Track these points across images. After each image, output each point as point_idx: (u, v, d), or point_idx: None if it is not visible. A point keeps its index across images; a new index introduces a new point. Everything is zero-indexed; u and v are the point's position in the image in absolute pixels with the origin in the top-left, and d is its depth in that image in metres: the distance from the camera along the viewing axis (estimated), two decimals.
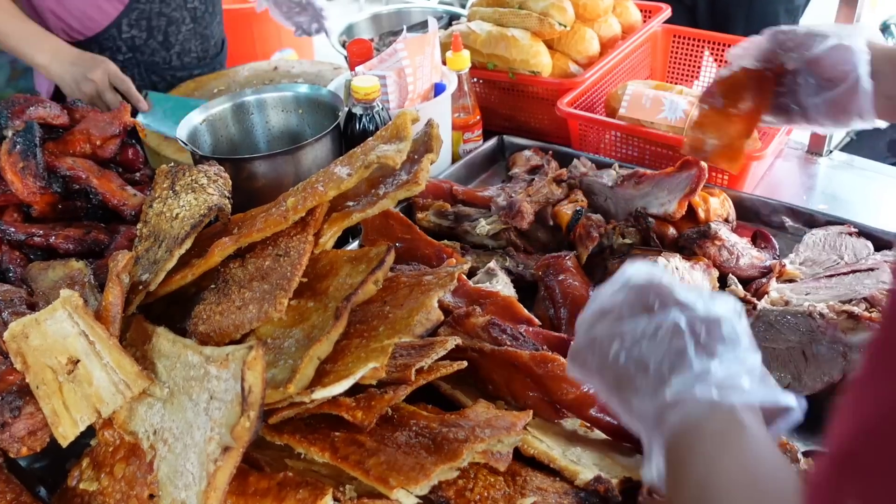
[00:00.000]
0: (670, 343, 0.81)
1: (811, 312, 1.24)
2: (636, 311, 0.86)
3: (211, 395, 0.95)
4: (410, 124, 1.11)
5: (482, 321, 1.24)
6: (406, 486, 0.90)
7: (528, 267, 1.51)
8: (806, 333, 1.24)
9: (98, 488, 1.11)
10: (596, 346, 0.89)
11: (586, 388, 1.13)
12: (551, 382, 1.15)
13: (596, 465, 1.09)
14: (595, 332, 0.90)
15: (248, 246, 1.18)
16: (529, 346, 1.22)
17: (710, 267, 1.39)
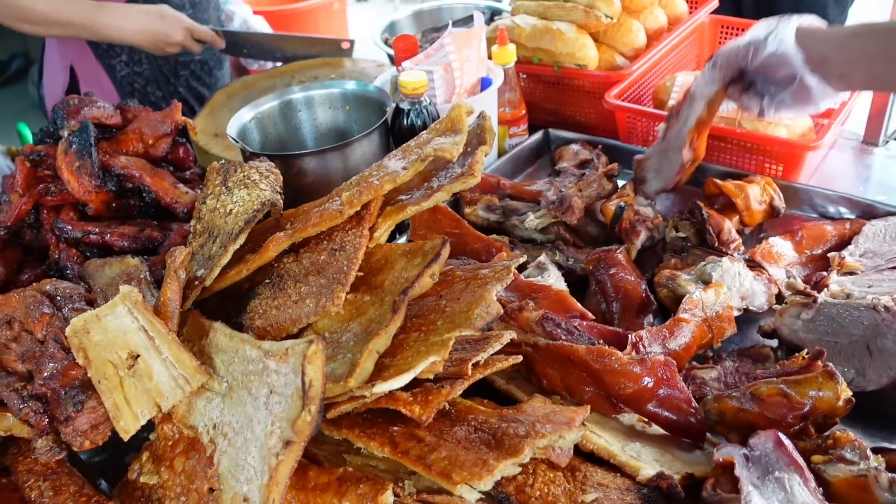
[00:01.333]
0: None
1: (875, 305, 1.21)
2: None
3: (270, 390, 0.96)
4: (465, 116, 1.10)
5: (536, 315, 1.23)
6: (469, 481, 0.90)
7: (578, 261, 1.50)
8: (870, 327, 1.21)
9: (158, 482, 1.12)
10: None
11: (644, 383, 1.11)
12: (609, 377, 1.13)
13: (657, 461, 1.08)
14: None
15: (302, 241, 1.18)
16: (585, 341, 1.20)
17: (772, 282, 1.36)
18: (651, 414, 1.15)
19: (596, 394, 1.17)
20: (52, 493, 1.11)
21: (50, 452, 1.09)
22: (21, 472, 1.15)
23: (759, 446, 1.02)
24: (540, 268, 1.40)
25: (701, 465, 1.09)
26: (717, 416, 1.12)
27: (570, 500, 0.99)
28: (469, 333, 0.98)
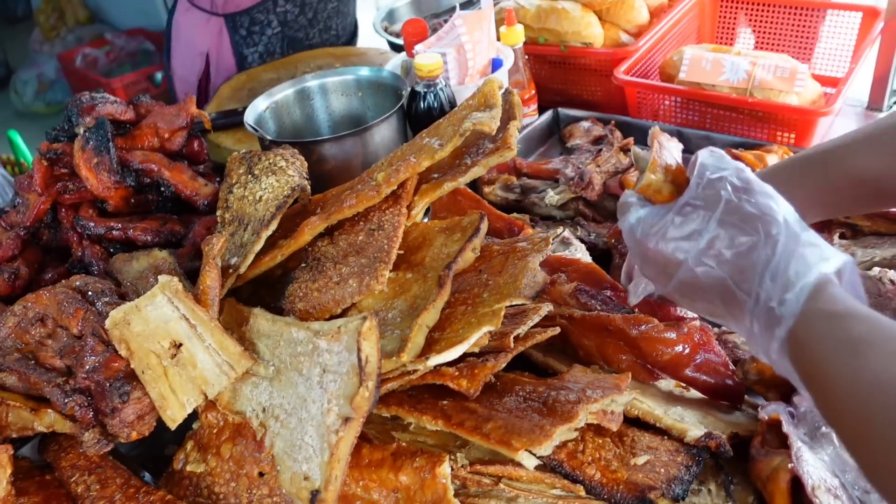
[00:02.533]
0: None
1: (881, 278, 1.23)
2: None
3: (323, 369, 0.96)
4: (498, 91, 1.11)
5: (569, 288, 1.24)
6: (529, 447, 0.91)
7: (599, 235, 1.51)
8: (874, 296, 1.23)
9: (206, 469, 1.12)
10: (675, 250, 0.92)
11: (681, 349, 1.12)
12: (646, 344, 1.14)
13: (701, 423, 1.09)
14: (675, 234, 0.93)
15: (336, 224, 1.18)
16: (620, 310, 1.21)
17: None
18: (689, 379, 1.16)
19: (633, 362, 1.18)
20: (99, 486, 1.11)
21: (97, 445, 1.09)
22: (65, 468, 1.15)
23: (803, 403, 1.04)
24: (565, 243, 1.41)
25: (744, 424, 1.10)
26: (756, 375, 1.13)
27: (623, 464, 1.00)
28: (520, 303, 0.99)
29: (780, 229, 0.84)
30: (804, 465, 0.93)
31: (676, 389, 1.20)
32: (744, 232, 0.86)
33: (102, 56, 5.27)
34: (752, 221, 0.86)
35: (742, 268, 0.86)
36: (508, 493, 1.05)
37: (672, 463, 1.00)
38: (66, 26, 5.66)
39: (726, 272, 0.87)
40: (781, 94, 1.62)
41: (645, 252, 0.97)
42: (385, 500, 0.99)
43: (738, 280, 0.86)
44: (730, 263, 0.87)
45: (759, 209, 0.87)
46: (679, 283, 0.92)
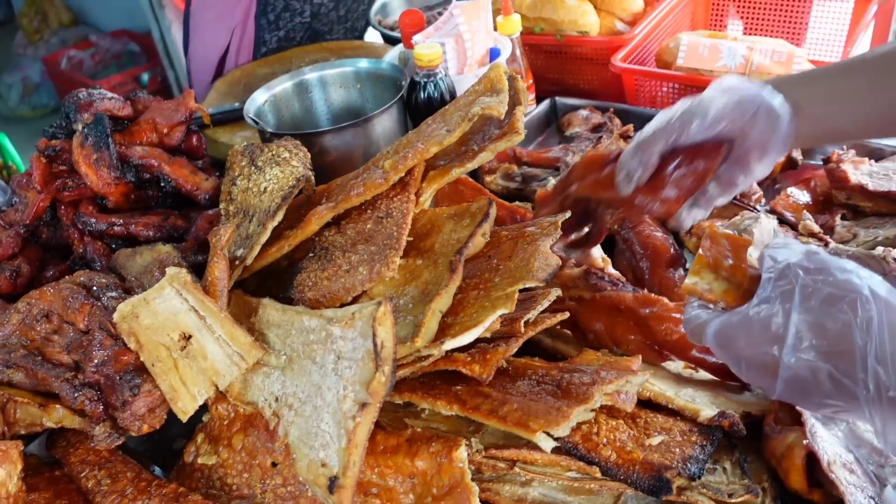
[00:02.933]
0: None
1: (885, 257, 1.24)
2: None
3: (338, 356, 0.96)
4: (504, 76, 1.11)
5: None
6: (547, 428, 0.91)
7: None
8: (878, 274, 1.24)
9: (217, 461, 1.12)
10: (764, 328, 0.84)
11: None
12: (655, 323, 1.15)
13: (713, 403, 1.09)
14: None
15: (342, 213, 1.18)
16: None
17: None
18: (697, 359, 1.17)
19: (641, 342, 1.18)
20: (110, 480, 1.10)
21: (109, 439, 1.08)
22: (74, 464, 1.14)
23: None
24: None
25: (754, 404, 1.10)
26: None
27: (638, 444, 1.00)
28: (533, 286, 0.99)
29: (871, 304, 0.77)
30: (819, 442, 0.94)
31: (685, 371, 1.21)
32: (831, 317, 0.79)
33: (87, 58, 5.23)
34: (837, 303, 0.79)
35: (841, 353, 0.78)
36: (523, 477, 1.06)
37: (686, 443, 1.01)
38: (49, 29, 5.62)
39: (827, 362, 0.79)
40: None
41: (739, 361, 0.88)
42: (401, 487, 0.99)
43: (842, 369, 0.78)
44: (826, 353, 0.79)
45: (841, 288, 0.80)
46: (784, 384, 0.83)
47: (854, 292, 0.78)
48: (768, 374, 0.84)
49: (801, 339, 0.80)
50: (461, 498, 0.94)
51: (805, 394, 0.82)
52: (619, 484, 0.99)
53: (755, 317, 0.84)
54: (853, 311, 0.77)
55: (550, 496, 1.05)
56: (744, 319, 0.86)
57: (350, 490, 0.89)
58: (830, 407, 0.81)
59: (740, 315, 0.86)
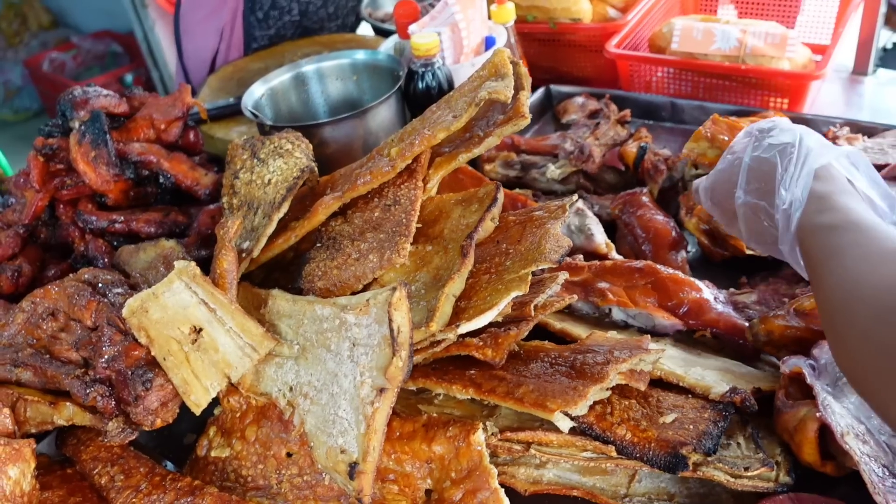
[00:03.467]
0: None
1: None
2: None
3: (353, 343, 0.96)
4: (508, 61, 1.11)
5: None
6: (565, 407, 0.91)
7: (603, 207, 1.52)
8: None
9: (231, 454, 1.12)
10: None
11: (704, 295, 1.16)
12: (673, 285, 1.17)
13: (722, 381, 1.10)
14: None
15: (348, 203, 1.18)
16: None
17: None
18: (711, 321, 1.18)
19: (657, 306, 1.19)
20: (124, 476, 1.10)
21: (122, 434, 1.08)
22: (86, 461, 1.14)
23: (823, 356, 1.05)
24: (580, 214, 1.41)
25: (763, 380, 1.11)
26: (766, 336, 1.14)
27: (652, 423, 1.01)
28: (545, 267, 0.99)
29: (795, 148, 0.95)
30: (831, 414, 0.95)
31: (693, 352, 1.22)
32: (766, 162, 0.97)
33: (70, 60, 5.18)
34: (772, 151, 0.97)
35: (770, 191, 0.96)
36: (538, 459, 1.06)
37: (700, 419, 1.01)
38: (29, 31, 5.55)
39: (762, 199, 0.98)
40: (773, 59, 1.64)
41: (720, 212, 1.10)
42: (419, 472, 1.00)
43: (771, 204, 0.96)
44: (761, 191, 0.98)
45: (778, 139, 0.98)
46: (745, 227, 1.02)
47: (786, 143, 0.96)
48: (735, 220, 1.04)
49: (744, 183, 1.01)
50: (480, 480, 0.94)
51: (760, 235, 1.02)
52: (634, 462, 1.00)
53: (723, 169, 1.06)
54: (781, 156, 0.96)
55: (565, 477, 1.06)
56: (717, 173, 1.08)
57: (370, 475, 0.89)
58: (772, 240, 0.99)
59: (715, 169, 1.09)
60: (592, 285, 1.18)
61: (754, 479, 0.97)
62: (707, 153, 1.13)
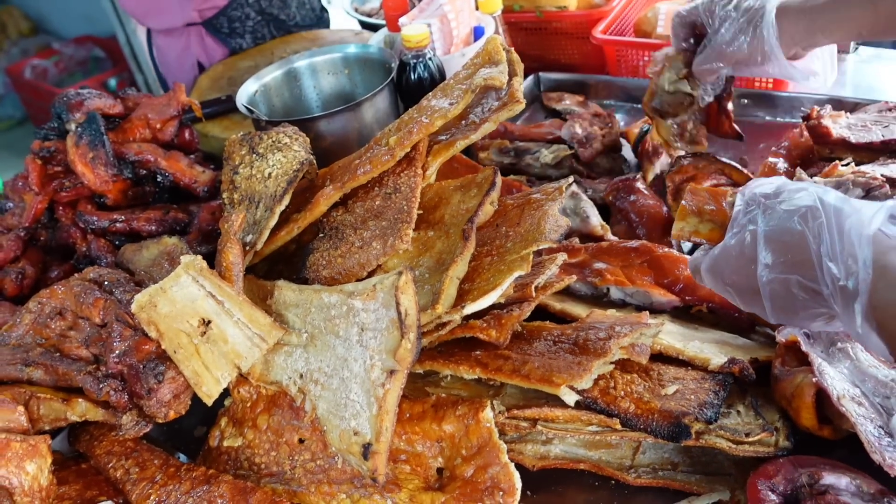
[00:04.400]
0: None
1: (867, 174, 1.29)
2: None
3: (361, 328, 0.98)
4: (502, 48, 1.13)
5: None
6: (571, 382, 0.94)
7: (596, 191, 1.54)
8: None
9: (243, 443, 1.14)
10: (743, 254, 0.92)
11: None
12: (668, 262, 1.20)
13: (720, 353, 1.14)
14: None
15: (349, 193, 1.20)
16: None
17: None
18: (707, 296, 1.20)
19: (654, 283, 1.22)
20: (139, 469, 1.12)
21: (137, 427, 1.10)
22: (100, 456, 1.15)
23: None
24: (574, 197, 1.43)
25: (759, 350, 1.15)
26: None
27: (654, 395, 1.04)
28: (546, 246, 1.02)
29: (820, 212, 0.84)
30: (827, 378, 0.98)
31: (690, 327, 1.25)
32: (788, 232, 0.86)
33: (52, 66, 5.15)
34: (792, 217, 0.86)
35: (803, 262, 0.84)
36: (544, 436, 1.09)
37: (700, 389, 1.04)
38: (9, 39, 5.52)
39: (793, 273, 0.85)
40: None
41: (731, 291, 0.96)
42: (430, 451, 1.02)
43: (807, 276, 0.84)
44: (791, 264, 0.85)
45: (794, 204, 0.87)
46: (770, 303, 0.89)
47: (805, 206, 0.85)
48: (756, 297, 0.91)
49: (768, 257, 0.87)
50: (490, 456, 0.97)
51: (791, 310, 0.88)
52: (638, 434, 1.03)
53: (732, 245, 0.92)
54: (805, 222, 0.84)
55: (572, 452, 1.09)
56: (724, 250, 0.94)
57: (384, 455, 0.92)
58: (818, 317, 0.87)
59: (721, 247, 0.94)
60: (590, 266, 1.21)
61: (755, 444, 1.00)
62: (699, 229, 1.03)
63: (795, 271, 0.85)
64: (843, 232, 0.82)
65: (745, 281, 0.91)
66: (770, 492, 0.92)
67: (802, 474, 0.93)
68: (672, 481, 1.03)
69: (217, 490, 1.05)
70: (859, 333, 0.82)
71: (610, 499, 1.04)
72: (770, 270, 0.87)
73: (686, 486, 1.02)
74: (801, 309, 0.88)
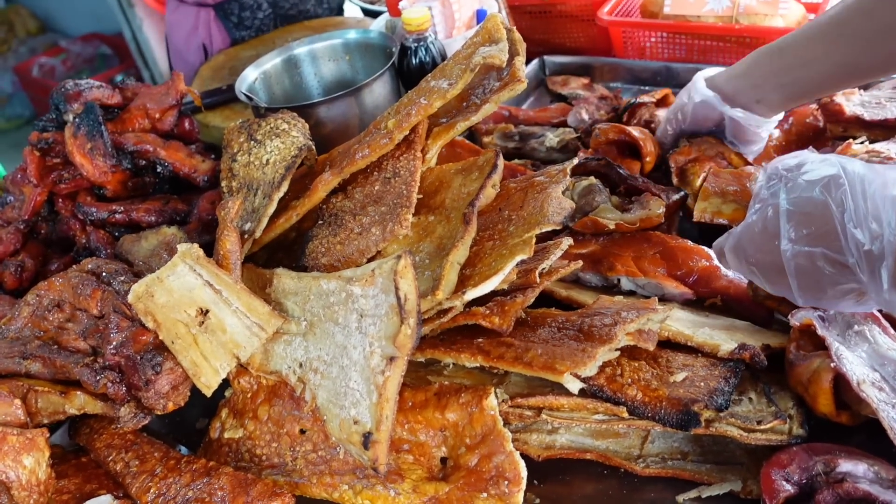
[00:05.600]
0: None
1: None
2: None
3: (360, 314, 0.96)
4: (502, 25, 1.10)
5: None
6: (574, 369, 0.91)
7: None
8: None
9: (244, 434, 1.12)
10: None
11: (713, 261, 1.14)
12: (682, 254, 1.16)
13: (731, 339, 1.10)
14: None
15: (348, 179, 1.17)
16: None
17: None
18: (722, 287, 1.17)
19: (666, 275, 1.18)
20: (139, 462, 1.10)
21: (135, 419, 1.08)
22: (100, 449, 1.14)
23: None
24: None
25: (772, 337, 1.11)
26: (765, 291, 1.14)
27: (662, 382, 1.01)
28: (549, 229, 0.99)
29: (843, 179, 0.81)
30: (846, 363, 0.94)
31: (701, 315, 1.21)
32: (811, 203, 0.83)
33: (59, 64, 5.16)
34: (815, 188, 0.83)
35: (828, 233, 0.82)
36: (549, 425, 1.06)
37: (710, 376, 1.01)
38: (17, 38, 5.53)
39: (818, 246, 0.83)
40: (767, 17, 1.63)
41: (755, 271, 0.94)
42: (433, 441, 1.00)
43: (833, 247, 0.82)
44: (815, 236, 0.83)
45: (816, 174, 0.84)
46: (797, 282, 0.87)
47: (827, 175, 0.82)
48: (782, 276, 0.88)
49: (791, 230, 0.85)
50: (495, 444, 0.94)
51: (818, 287, 0.85)
52: (646, 422, 1.00)
53: (754, 220, 0.90)
54: (828, 191, 0.81)
55: (578, 441, 1.06)
56: (746, 227, 0.91)
57: (385, 444, 0.89)
58: (848, 294, 0.84)
59: (743, 224, 0.92)
60: (600, 256, 1.18)
61: (767, 432, 0.97)
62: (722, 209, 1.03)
63: (820, 243, 0.82)
64: (867, 196, 0.79)
65: (770, 258, 0.89)
66: (784, 481, 0.89)
67: (818, 462, 0.90)
68: (682, 471, 1.00)
69: (217, 482, 1.03)
70: (886, 300, 0.79)
71: (618, 488, 1.01)
72: (794, 244, 0.85)
73: (696, 475, 0.99)
74: (828, 285, 0.84)
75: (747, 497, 0.96)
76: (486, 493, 0.94)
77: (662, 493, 0.99)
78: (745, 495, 0.96)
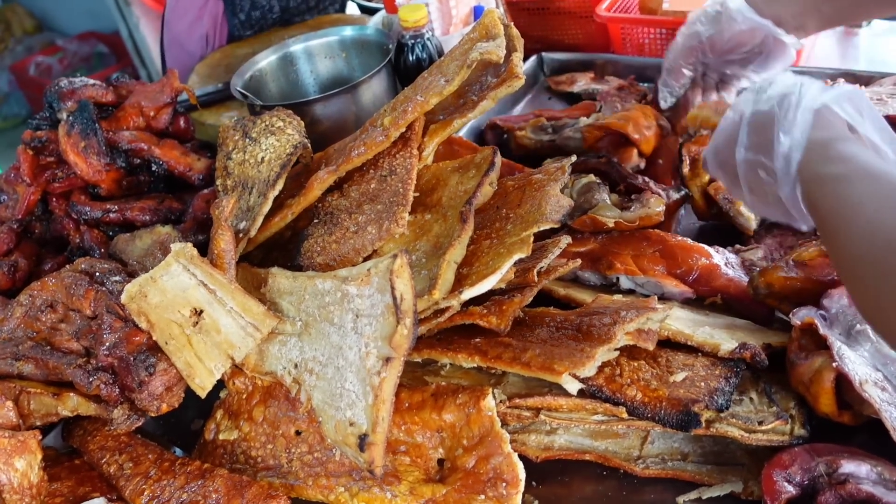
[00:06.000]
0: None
1: None
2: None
3: (356, 314, 0.94)
4: (499, 21, 1.09)
5: None
6: (573, 369, 0.90)
7: None
8: None
9: (239, 436, 1.11)
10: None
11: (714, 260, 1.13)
12: (682, 252, 1.15)
13: (731, 338, 1.09)
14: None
15: (345, 177, 1.16)
16: None
17: None
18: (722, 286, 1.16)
19: (666, 273, 1.17)
20: (133, 464, 1.09)
21: (128, 421, 1.07)
22: (93, 451, 1.13)
23: (833, 305, 1.04)
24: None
25: (773, 336, 1.10)
26: (766, 288, 1.12)
27: (662, 382, 0.99)
28: (547, 227, 0.97)
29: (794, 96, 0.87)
30: (848, 363, 0.93)
31: (701, 313, 1.20)
32: (764, 115, 0.90)
33: (56, 63, 5.14)
34: (770, 102, 0.90)
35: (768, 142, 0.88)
36: (548, 426, 1.05)
37: (710, 376, 1.00)
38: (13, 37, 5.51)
39: (759, 154, 0.90)
40: None
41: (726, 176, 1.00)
42: (430, 442, 0.98)
43: (769, 155, 0.89)
44: (758, 145, 0.90)
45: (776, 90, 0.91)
46: (748, 189, 0.95)
47: (787, 92, 0.89)
48: (738, 180, 0.96)
49: (745, 138, 0.93)
50: (492, 446, 0.93)
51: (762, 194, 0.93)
52: (646, 423, 0.99)
53: (725, 127, 0.98)
54: (780, 105, 0.88)
55: (577, 442, 1.05)
56: (719, 132, 1.00)
57: (381, 446, 0.88)
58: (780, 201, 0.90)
59: (717, 130, 1.01)
60: (599, 255, 1.17)
61: (769, 432, 0.96)
62: (711, 118, 1.11)
63: (762, 151, 0.90)
64: (799, 108, 0.86)
65: (731, 164, 0.96)
66: (786, 482, 0.88)
67: (820, 463, 0.89)
68: (682, 472, 0.98)
69: (212, 485, 1.02)
70: (788, 198, 0.87)
71: (618, 490, 1.00)
72: (745, 151, 0.93)
73: (697, 476, 0.98)
74: (768, 192, 0.91)
75: (748, 498, 0.94)
76: (484, 494, 0.92)
77: (662, 494, 0.98)
78: (746, 496, 0.95)
